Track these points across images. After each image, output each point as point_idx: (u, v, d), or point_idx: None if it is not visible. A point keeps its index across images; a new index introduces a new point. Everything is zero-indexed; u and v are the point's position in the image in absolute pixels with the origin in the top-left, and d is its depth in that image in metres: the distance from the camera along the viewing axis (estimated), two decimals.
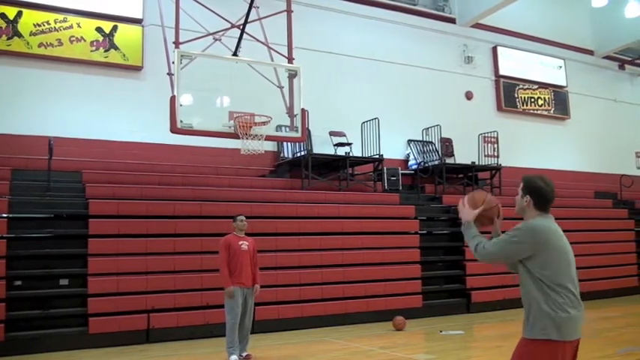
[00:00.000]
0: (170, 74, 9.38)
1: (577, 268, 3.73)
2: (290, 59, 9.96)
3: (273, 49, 10.28)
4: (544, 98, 19.28)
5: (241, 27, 9.69)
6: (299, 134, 9.98)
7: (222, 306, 7.94)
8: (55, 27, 12.12)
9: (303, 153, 13.25)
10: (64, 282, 9.53)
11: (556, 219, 3.70)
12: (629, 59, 21.99)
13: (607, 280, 14.87)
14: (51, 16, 12.11)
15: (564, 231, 3.68)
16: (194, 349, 9.02)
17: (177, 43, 9.14)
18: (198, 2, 9.90)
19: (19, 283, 9.18)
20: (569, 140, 19.50)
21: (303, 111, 9.82)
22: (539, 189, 3.67)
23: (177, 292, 9.89)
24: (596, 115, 20.37)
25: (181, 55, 8.98)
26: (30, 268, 9.43)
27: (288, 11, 10.14)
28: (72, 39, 12.25)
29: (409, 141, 16.11)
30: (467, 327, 10.97)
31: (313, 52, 14.20)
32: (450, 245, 13.66)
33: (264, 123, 9.39)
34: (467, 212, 3.83)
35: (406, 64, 16.38)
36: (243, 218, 8.15)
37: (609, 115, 20.81)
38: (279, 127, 10.87)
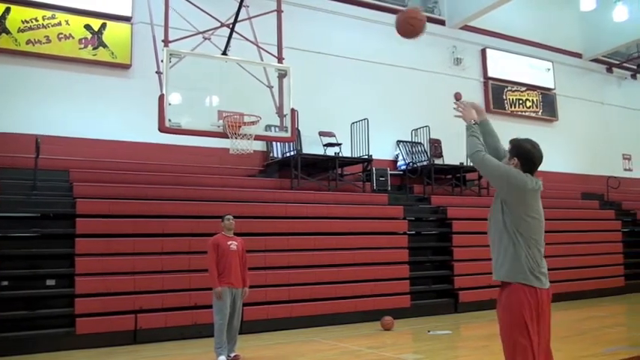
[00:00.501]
0: (159, 73, 9.31)
1: (564, 268, 3.85)
2: (280, 59, 9.95)
3: (262, 49, 10.27)
4: (532, 100, 19.39)
5: (231, 26, 9.67)
6: (288, 134, 9.97)
7: (210, 306, 7.89)
8: (43, 24, 12.01)
9: (292, 153, 13.23)
10: (51, 282, 9.44)
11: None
12: (617, 62, 22.18)
13: (594, 280, 14.97)
14: (39, 13, 12.00)
15: (550, 232, 3.76)
16: (183, 349, 8.97)
17: (166, 42, 9.10)
18: (187, 1, 9.86)
19: (5, 283, 9.08)
20: (557, 142, 19.56)
21: (292, 111, 9.81)
22: (527, 151, 3.74)
23: (166, 293, 9.83)
24: (583, 117, 20.53)
25: (170, 54, 8.95)
26: (17, 268, 9.34)
27: (278, 11, 10.13)
28: (60, 36, 12.16)
29: (398, 142, 16.14)
30: (454, 327, 11.00)
31: (303, 52, 14.18)
32: (438, 245, 13.69)
33: (253, 123, 9.39)
34: (469, 112, 3.96)
35: (396, 65, 16.41)
36: (231, 217, 8.12)
37: (597, 118, 20.99)
38: (268, 127, 10.85)
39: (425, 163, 15.54)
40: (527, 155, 3.72)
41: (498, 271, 3.69)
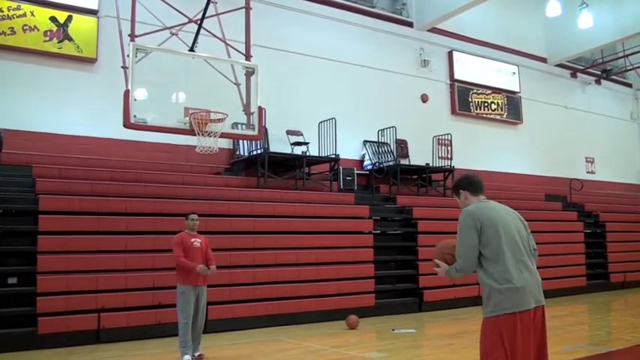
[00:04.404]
0: (125, 68, 9.20)
1: None
2: (248, 56, 9.90)
3: (230, 46, 10.20)
4: (497, 103, 19.63)
5: (199, 22, 9.59)
6: (255, 132, 9.92)
7: (174, 305, 7.83)
8: (8, 15, 11.72)
9: (259, 151, 13.18)
10: (12, 280, 9.24)
11: None
12: (581, 68, 22.65)
13: (556, 280, 15.20)
14: (4, 4, 11.71)
15: None
16: (146, 349, 8.87)
17: (132, 36, 8.99)
18: None
19: None
20: (521, 144, 19.92)
21: (260, 109, 9.77)
22: (463, 179, 4.09)
23: (129, 292, 9.69)
24: (547, 120, 20.89)
25: (137, 49, 8.82)
26: None
27: (247, 8, 10.07)
28: (25, 28, 11.89)
29: (365, 141, 16.21)
30: (418, 325, 11.10)
31: (271, 50, 14.18)
32: (403, 245, 13.79)
33: (220, 120, 9.32)
34: (442, 269, 4.03)
35: (364, 66, 16.48)
36: (195, 217, 8.06)
37: (560, 121, 21.37)
38: (235, 125, 10.79)
39: (391, 163, 15.63)
40: (465, 183, 4.04)
41: (482, 308, 3.78)
